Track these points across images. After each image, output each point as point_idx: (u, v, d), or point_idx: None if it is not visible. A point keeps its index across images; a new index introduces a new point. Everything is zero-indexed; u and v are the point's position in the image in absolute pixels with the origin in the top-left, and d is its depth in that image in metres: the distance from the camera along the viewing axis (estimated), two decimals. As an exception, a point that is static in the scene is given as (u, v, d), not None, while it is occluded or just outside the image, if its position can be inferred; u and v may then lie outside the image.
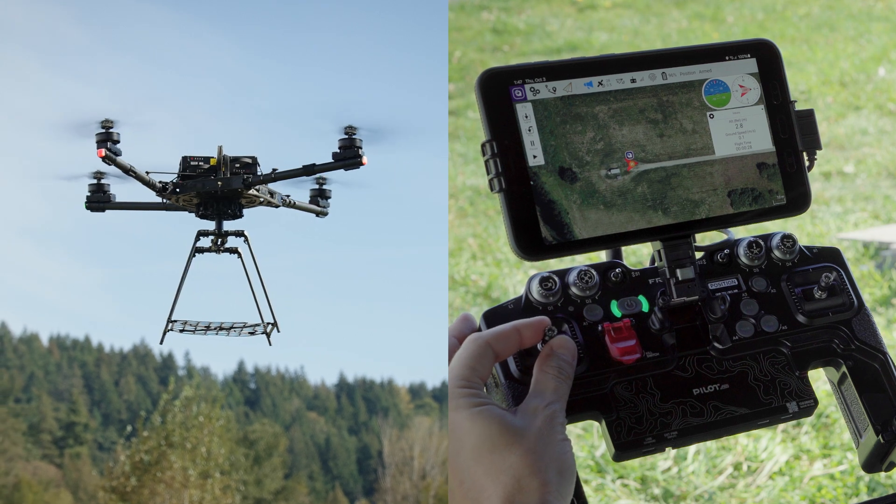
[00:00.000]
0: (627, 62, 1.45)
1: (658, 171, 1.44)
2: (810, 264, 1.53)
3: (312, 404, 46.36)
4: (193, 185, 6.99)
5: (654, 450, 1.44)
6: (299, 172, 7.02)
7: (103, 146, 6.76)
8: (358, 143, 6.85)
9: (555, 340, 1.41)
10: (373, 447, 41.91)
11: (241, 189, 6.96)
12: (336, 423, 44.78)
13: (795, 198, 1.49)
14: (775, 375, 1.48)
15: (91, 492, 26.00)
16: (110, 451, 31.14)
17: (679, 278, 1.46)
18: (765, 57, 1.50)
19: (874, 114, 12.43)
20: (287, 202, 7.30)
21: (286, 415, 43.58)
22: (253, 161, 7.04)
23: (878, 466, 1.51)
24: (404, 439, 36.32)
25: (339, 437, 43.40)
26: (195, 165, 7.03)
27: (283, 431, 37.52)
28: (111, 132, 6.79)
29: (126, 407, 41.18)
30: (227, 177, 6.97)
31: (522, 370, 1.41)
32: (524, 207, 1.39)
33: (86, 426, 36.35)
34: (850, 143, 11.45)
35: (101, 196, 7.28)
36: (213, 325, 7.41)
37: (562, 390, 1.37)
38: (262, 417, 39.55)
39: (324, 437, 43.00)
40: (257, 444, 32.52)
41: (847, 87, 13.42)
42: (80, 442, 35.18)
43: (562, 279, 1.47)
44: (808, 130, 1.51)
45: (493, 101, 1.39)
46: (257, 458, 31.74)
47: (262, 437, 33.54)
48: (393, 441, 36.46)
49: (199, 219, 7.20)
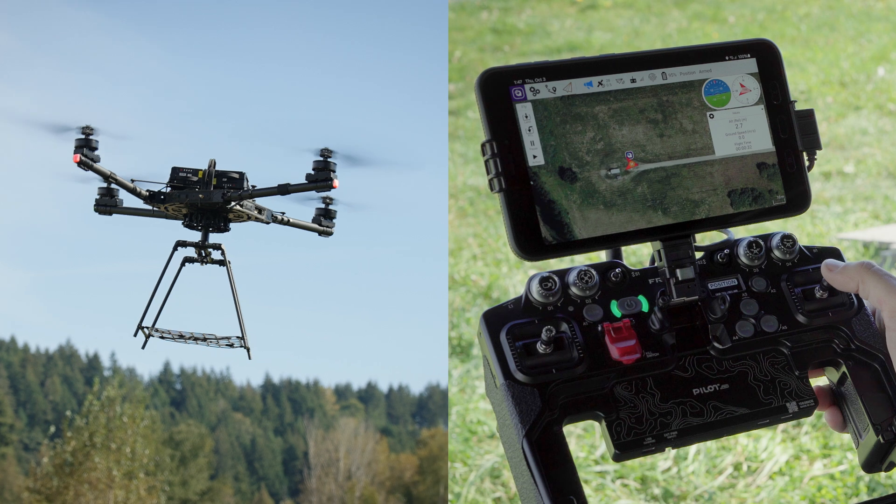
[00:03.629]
0: (627, 62, 1.45)
1: (658, 171, 1.44)
2: (810, 264, 1.53)
3: (238, 405, 46.50)
4: (177, 195, 7.08)
5: (654, 450, 1.43)
6: (274, 191, 7.16)
7: (79, 151, 6.84)
8: (332, 167, 7.01)
9: None
10: (298, 448, 42.10)
11: (220, 203, 7.05)
12: (262, 424, 44.93)
13: (795, 198, 1.49)
14: (775, 375, 1.48)
15: (16, 492, 26.03)
16: (35, 452, 31.18)
17: (679, 278, 1.46)
18: (765, 57, 1.50)
19: (874, 114, 12.43)
20: (280, 219, 7.38)
21: (212, 416, 43.67)
22: (241, 176, 7.12)
23: (878, 466, 1.51)
24: (330, 440, 36.58)
25: (265, 438, 43.53)
26: (184, 177, 7.12)
27: (209, 432, 37.62)
28: (90, 139, 6.86)
29: (51, 407, 41.25)
30: (209, 190, 7.06)
31: (522, 370, 1.41)
32: (524, 207, 1.39)
33: (11, 427, 36.27)
34: (850, 143, 11.45)
35: (108, 200, 7.36)
36: (187, 334, 7.49)
37: None
38: (187, 418, 39.64)
39: (249, 438, 43.12)
40: (183, 445, 32.60)
41: (847, 87, 13.41)
42: (6, 442, 35.14)
43: (562, 279, 1.47)
44: (808, 130, 1.50)
45: (492, 101, 1.39)
46: (183, 458, 31.81)
47: (188, 437, 33.63)
48: (318, 442, 36.71)
49: (186, 228, 7.29)
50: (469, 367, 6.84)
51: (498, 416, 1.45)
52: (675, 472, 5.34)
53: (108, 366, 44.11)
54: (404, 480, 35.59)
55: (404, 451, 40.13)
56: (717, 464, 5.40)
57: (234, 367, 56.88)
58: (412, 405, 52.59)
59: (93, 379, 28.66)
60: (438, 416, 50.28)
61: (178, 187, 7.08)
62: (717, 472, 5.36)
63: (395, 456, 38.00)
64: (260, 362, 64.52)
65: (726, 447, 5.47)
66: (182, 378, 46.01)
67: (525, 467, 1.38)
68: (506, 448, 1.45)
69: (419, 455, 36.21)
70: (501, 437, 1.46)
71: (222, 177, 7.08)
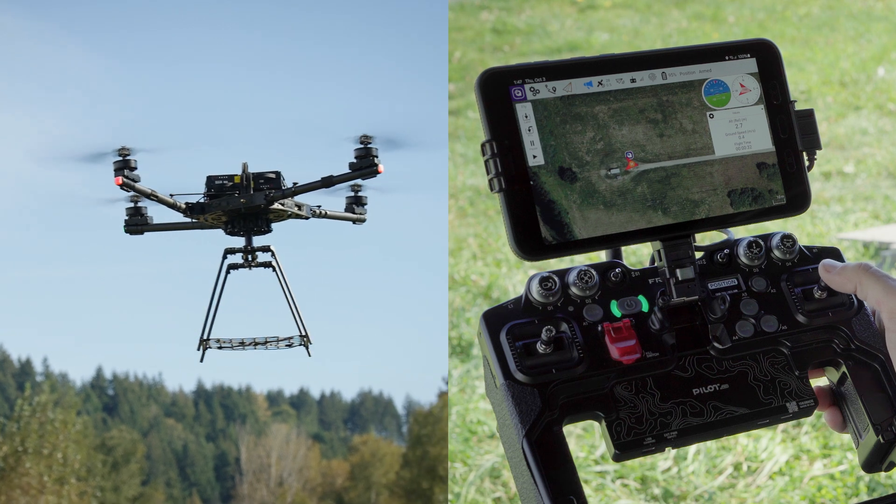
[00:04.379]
0: (627, 62, 1.45)
1: (658, 170, 1.44)
2: (810, 264, 1.53)
3: (170, 411, 46.46)
4: (218, 203, 7.04)
5: (654, 450, 1.43)
6: (318, 185, 7.09)
7: (120, 174, 6.80)
8: (374, 152, 6.94)
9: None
10: (230, 454, 42.17)
11: (264, 205, 7.02)
12: (194, 430, 44.91)
13: (795, 198, 1.49)
14: (775, 375, 1.48)
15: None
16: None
17: (679, 278, 1.46)
18: (765, 57, 1.50)
19: (874, 114, 12.43)
20: (317, 213, 7.35)
21: (144, 421, 43.64)
22: (277, 176, 7.09)
23: (878, 466, 1.51)
24: (261, 446, 36.79)
25: (197, 444, 43.55)
26: (220, 184, 7.08)
27: (141, 438, 37.64)
28: (128, 159, 6.83)
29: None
30: (249, 193, 7.02)
31: (522, 370, 1.41)
32: (524, 207, 1.39)
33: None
34: (850, 143, 11.45)
35: (138, 219, 7.30)
36: (248, 341, 7.46)
37: None
38: (119, 424, 39.59)
39: (181, 444, 43.11)
40: (115, 451, 32.62)
41: (847, 87, 13.42)
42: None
43: (562, 279, 1.47)
44: (808, 130, 1.50)
45: (492, 101, 1.39)
46: (115, 464, 31.82)
47: (120, 443, 33.65)
48: (250, 448, 36.92)
49: (229, 235, 7.26)
50: (469, 367, 6.84)
51: (498, 416, 1.45)
52: (675, 472, 5.34)
53: (40, 371, 43.97)
54: (336, 487, 35.95)
55: (336, 457, 40.47)
56: (717, 464, 5.40)
57: (167, 372, 57.03)
58: (344, 411, 52.77)
59: (24, 384, 28.56)
60: (370, 422, 50.72)
61: (215, 195, 7.04)
62: (717, 472, 5.36)
63: (326, 462, 38.33)
64: (193, 368, 64.75)
65: (726, 447, 5.47)
66: (115, 383, 45.92)
67: (525, 467, 1.38)
68: (506, 448, 1.45)
69: (351, 461, 36.51)
70: (501, 437, 1.46)
71: (259, 178, 7.04)
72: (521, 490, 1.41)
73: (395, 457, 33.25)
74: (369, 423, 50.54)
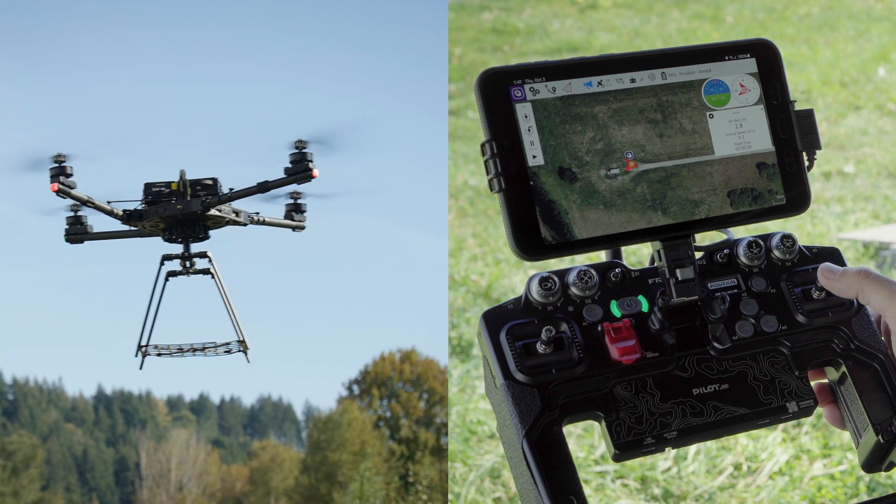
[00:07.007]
0: (627, 62, 1.45)
1: (658, 171, 1.44)
2: (810, 264, 1.53)
3: (70, 416, 46.31)
4: (155, 210, 7.06)
5: (654, 450, 1.43)
6: (254, 190, 7.13)
7: (56, 180, 6.82)
8: (309, 157, 6.96)
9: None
10: (130, 459, 42.17)
11: (201, 210, 7.02)
12: (94, 435, 44.83)
13: (795, 198, 1.49)
14: (775, 375, 1.48)
15: None
16: None
17: (679, 278, 1.46)
18: (764, 57, 1.50)
19: (874, 114, 12.42)
20: (255, 220, 7.37)
21: (44, 426, 43.51)
22: (214, 182, 7.11)
23: (878, 466, 1.51)
24: (161, 451, 36.91)
25: (97, 449, 43.48)
26: (157, 191, 7.10)
27: (41, 443, 37.58)
28: (64, 166, 6.84)
29: None
30: (186, 200, 7.03)
31: (522, 370, 1.41)
32: (524, 207, 1.39)
33: None
34: (850, 143, 11.44)
35: (79, 228, 7.32)
36: (186, 347, 7.49)
37: None
38: (19, 428, 39.48)
39: (81, 449, 43.04)
40: (14, 456, 32.59)
41: (847, 87, 13.41)
42: None
43: (561, 279, 1.46)
44: (808, 130, 1.50)
45: (492, 101, 1.39)
46: (14, 469, 31.80)
47: (20, 448, 33.60)
48: (150, 453, 37.06)
49: (167, 242, 7.27)
50: (469, 367, 6.84)
51: (498, 416, 1.45)
52: (675, 472, 5.34)
53: (-61, 377, 43.97)
54: (235, 492, 36.22)
55: (235, 462, 40.66)
56: (717, 464, 5.40)
57: (67, 377, 56.50)
58: (243, 417, 52.75)
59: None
60: (269, 427, 50.75)
61: (153, 202, 7.05)
62: (717, 472, 5.35)
63: (226, 467, 38.57)
64: (92, 372, 64.04)
65: (726, 447, 5.47)
66: (14, 388, 45.75)
67: (525, 467, 1.38)
68: (506, 448, 1.45)
69: (250, 466, 36.73)
70: (501, 437, 1.46)
71: (196, 185, 7.05)
72: (521, 490, 1.41)
73: (295, 462, 33.46)
74: (269, 428, 50.71)
